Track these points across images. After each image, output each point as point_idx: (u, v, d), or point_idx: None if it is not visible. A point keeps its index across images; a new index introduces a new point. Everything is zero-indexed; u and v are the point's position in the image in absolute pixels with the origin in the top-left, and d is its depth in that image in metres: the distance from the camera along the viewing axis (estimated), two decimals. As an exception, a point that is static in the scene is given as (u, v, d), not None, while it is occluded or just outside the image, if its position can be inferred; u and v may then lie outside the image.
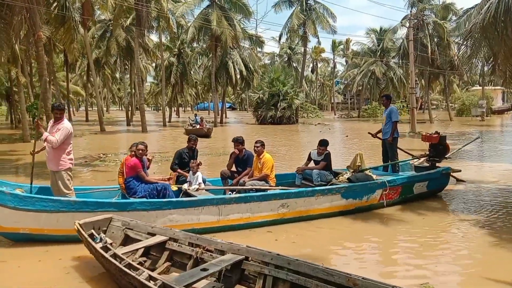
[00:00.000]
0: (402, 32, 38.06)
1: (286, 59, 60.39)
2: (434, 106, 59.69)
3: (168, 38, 41.70)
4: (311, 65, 72.68)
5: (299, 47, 53.10)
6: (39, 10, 11.40)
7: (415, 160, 9.26)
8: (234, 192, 7.05)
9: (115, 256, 4.22)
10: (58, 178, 6.17)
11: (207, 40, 35.63)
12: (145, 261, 4.65)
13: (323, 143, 8.03)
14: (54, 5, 12.80)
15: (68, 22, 11.82)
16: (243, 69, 41.60)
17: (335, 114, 63.29)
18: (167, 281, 3.52)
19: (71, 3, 13.08)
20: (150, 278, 3.64)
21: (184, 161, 7.63)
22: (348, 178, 7.68)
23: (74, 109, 59.23)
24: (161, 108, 51.79)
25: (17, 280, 4.56)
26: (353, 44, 61.65)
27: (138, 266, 4.00)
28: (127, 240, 5.01)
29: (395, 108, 9.18)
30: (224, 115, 45.97)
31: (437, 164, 8.65)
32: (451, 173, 8.71)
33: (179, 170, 7.55)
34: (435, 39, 35.56)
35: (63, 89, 41.22)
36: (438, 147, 8.60)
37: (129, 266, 3.97)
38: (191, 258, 4.45)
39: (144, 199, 6.07)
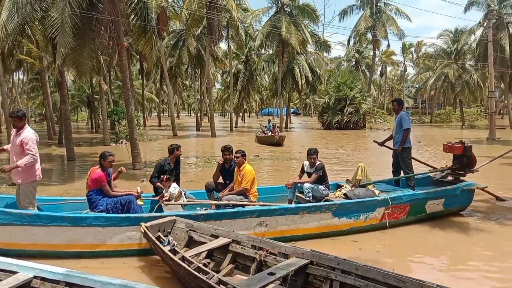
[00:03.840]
0: (479, 33, 35.84)
1: (354, 63, 59.23)
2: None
3: (236, 46, 42.74)
4: (379, 68, 70.68)
5: (368, 50, 51.94)
6: (123, 22, 12.36)
7: (437, 173, 8.05)
8: (204, 208, 6.34)
9: (183, 259, 4.30)
10: (23, 190, 5.75)
11: (275, 46, 36.06)
12: (209, 263, 4.70)
13: (311, 152, 7.05)
14: (136, 17, 13.77)
15: (149, 33, 12.64)
16: (309, 74, 41.46)
17: (405, 120, 60.88)
18: (237, 285, 3.56)
19: (152, 14, 13.93)
20: (220, 282, 3.69)
21: (166, 173, 6.94)
22: (344, 194, 6.86)
23: (147, 115, 62.47)
24: (227, 113, 53.08)
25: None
26: (428, 46, 58.99)
27: (207, 269, 4.05)
28: (190, 242, 5.08)
29: (406, 114, 8.05)
30: (288, 120, 46.08)
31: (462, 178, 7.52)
32: (479, 189, 7.60)
33: (158, 184, 6.77)
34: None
35: (138, 95, 43.70)
36: (462, 159, 7.41)
37: (199, 269, 4.02)
38: (255, 261, 4.45)
39: (101, 214, 5.55)
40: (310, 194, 6.80)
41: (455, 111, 48.60)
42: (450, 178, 7.70)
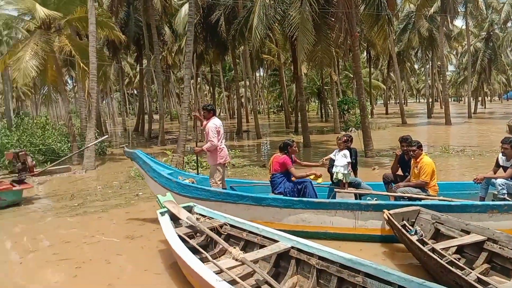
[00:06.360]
0: None
1: None
2: None
3: (475, 22, 38.00)
4: None
5: None
6: (356, 13, 12.65)
7: None
8: (374, 199, 6.20)
9: (433, 250, 4.20)
10: (210, 171, 6.96)
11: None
12: (459, 259, 4.42)
13: (505, 141, 6.13)
14: (366, 6, 13.86)
15: (382, 20, 12.54)
16: None
17: None
18: (500, 287, 3.30)
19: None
20: (479, 280, 3.46)
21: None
22: None
23: (373, 103, 62.33)
24: (462, 98, 47.83)
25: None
26: None
27: (461, 264, 3.85)
28: (437, 234, 4.91)
29: None
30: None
31: None
32: None
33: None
34: None
35: (365, 84, 43.94)
36: None
37: (451, 263, 3.85)
38: None
39: (278, 196, 6.09)
40: (505, 191, 5.87)
41: None
42: None
